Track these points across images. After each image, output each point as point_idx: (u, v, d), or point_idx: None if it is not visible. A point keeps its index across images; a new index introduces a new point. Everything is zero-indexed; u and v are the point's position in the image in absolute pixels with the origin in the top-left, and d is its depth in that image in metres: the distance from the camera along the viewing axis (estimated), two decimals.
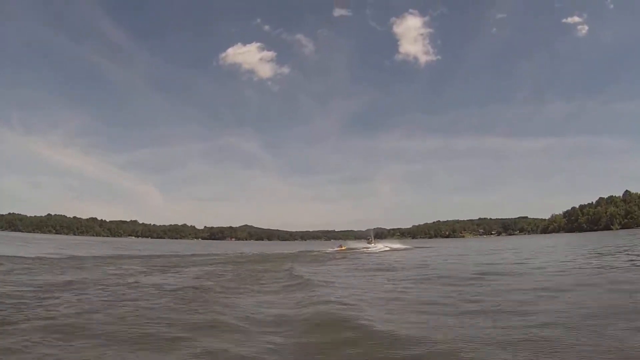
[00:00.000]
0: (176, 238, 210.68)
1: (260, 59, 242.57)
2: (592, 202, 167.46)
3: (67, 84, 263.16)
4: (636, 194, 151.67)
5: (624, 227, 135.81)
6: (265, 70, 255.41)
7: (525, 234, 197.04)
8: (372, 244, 57.22)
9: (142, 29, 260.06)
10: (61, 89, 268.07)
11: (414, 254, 32.27)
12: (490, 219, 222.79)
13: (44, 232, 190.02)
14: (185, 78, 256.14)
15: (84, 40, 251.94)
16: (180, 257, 28.04)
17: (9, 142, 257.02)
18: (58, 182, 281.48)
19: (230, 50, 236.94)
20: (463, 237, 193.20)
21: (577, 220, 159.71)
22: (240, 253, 36.02)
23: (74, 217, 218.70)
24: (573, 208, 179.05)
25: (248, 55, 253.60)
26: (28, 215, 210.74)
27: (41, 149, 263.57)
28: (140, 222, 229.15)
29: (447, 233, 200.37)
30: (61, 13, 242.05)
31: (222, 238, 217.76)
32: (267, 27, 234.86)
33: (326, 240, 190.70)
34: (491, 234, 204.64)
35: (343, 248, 49.20)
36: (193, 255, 31.12)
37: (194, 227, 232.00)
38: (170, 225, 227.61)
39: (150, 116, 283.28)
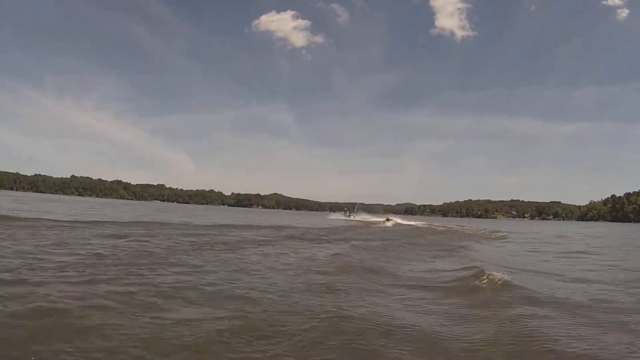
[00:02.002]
0: (202, 203, 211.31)
1: (294, 27, 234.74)
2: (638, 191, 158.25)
3: (102, 51, 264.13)
4: None
5: None
6: (299, 39, 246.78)
7: (560, 219, 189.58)
8: (352, 217, 57.94)
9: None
10: (95, 55, 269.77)
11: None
12: (523, 201, 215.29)
13: (67, 194, 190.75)
14: (219, 46, 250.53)
15: (121, 9, 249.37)
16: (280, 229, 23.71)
17: (40, 105, 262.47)
18: (87, 146, 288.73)
19: (263, 18, 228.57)
20: (495, 218, 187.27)
21: (622, 209, 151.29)
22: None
23: (99, 180, 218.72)
24: (614, 196, 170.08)
25: (281, 23, 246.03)
26: (54, 177, 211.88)
27: (72, 113, 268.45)
28: (167, 186, 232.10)
29: (479, 213, 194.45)
30: None
31: (249, 205, 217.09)
32: None
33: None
34: (524, 216, 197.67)
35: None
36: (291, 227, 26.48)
37: (221, 193, 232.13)
38: (197, 190, 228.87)
39: (182, 83, 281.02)
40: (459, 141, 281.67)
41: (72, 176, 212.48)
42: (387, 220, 51.53)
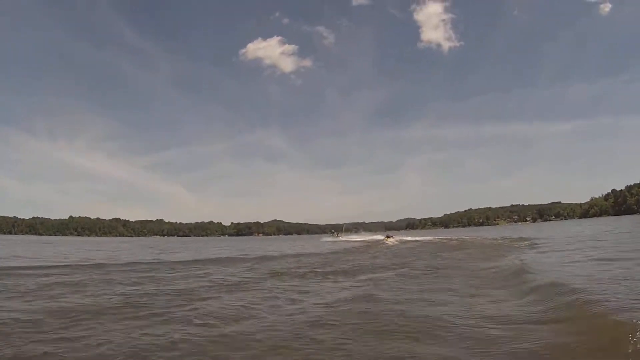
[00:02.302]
0: (202, 236, 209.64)
1: (282, 53, 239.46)
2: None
3: (90, 90, 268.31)
4: None
5: None
6: (287, 64, 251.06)
7: (562, 219, 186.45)
8: (339, 238, 57.23)
9: (160, 29, 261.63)
10: (84, 94, 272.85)
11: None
12: (523, 205, 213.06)
13: (65, 235, 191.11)
14: (206, 76, 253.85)
15: (104, 45, 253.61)
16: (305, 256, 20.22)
17: (33, 149, 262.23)
18: (83, 186, 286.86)
19: (250, 46, 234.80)
20: (497, 224, 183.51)
21: (625, 203, 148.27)
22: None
23: (97, 219, 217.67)
24: (615, 190, 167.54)
25: (269, 50, 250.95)
26: (52, 219, 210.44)
27: (66, 155, 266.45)
28: (167, 221, 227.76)
29: (480, 221, 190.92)
30: (81, 20, 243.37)
31: (250, 234, 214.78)
32: (286, 20, 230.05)
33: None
34: (526, 220, 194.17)
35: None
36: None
37: (220, 223, 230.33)
38: (197, 223, 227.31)
39: (174, 117, 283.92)
40: (455, 150, 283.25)
41: (70, 217, 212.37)
42: (388, 237, 46.89)
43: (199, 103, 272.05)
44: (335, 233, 66.67)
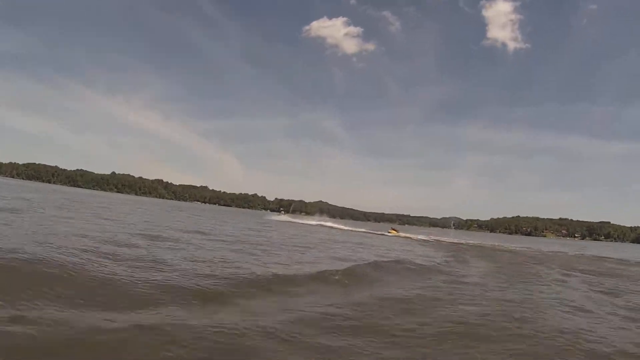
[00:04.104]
0: (244, 207, 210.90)
1: (346, 34, 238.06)
2: None
3: (155, 52, 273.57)
4: None
5: None
6: (350, 46, 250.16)
7: (612, 240, 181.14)
8: (287, 217, 56.15)
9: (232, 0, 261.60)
10: (149, 55, 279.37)
11: None
12: (572, 220, 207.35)
13: (104, 190, 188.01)
14: (272, 51, 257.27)
15: (176, 11, 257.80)
16: None
17: (90, 101, 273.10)
18: (133, 144, 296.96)
19: (314, 24, 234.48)
20: (544, 236, 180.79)
21: None
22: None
23: (140, 178, 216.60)
24: None
25: (333, 30, 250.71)
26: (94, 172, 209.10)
27: (121, 111, 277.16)
28: (211, 188, 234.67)
29: (528, 230, 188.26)
30: None
31: (292, 212, 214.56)
32: (353, 1, 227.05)
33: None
34: (574, 236, 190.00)
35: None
36: None
37: (264, 197, 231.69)
38: (240, 194, 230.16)
39: (235, 87, 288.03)
40: (508, 156, 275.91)
41: (113, 173, 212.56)
42: (394, 230, 44.85)
43: (262, 77, 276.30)
44: (283, 211, 65.07)
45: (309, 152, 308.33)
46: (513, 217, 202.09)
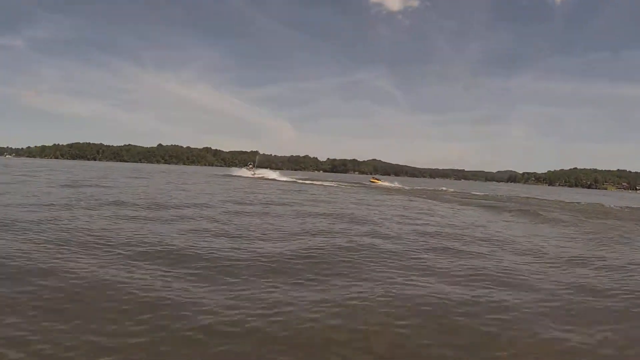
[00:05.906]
0: (296, 169, 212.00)
1: None
2: None
3: (200, 23, 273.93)
4: None
5: None
6: (394, 3, 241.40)
7: None
8: (252, 172, 53.65)
9: None
10: (192, 28, 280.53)
11: None
12: (630, 171, 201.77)
13: (151, 162, 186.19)
14: (315, 12, 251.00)
15: None
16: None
17: (139, 79, 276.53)
18: (183, 117, 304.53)
19: None
20: (605, 189, 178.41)
21: None
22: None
23: (187, 147, 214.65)
24: None
25: None
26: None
27: (170, 86, 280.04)
28: (261, 153, 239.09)
29: (588, 183, 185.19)
30: None
31: (345, 171, 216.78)
32: None
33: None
34: (636, 189, 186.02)
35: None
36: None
37: (316, 158, 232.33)
38: (291, 156, 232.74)
39: (281, 51, 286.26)
40: (561, 107, 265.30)
41: (159, 145, 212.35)
42: (375, 180, 41.14)
43: (309, 41, 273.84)
44: (251, 165, 60.63)
45: (361, 111, 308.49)
46: (571, 169, 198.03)
